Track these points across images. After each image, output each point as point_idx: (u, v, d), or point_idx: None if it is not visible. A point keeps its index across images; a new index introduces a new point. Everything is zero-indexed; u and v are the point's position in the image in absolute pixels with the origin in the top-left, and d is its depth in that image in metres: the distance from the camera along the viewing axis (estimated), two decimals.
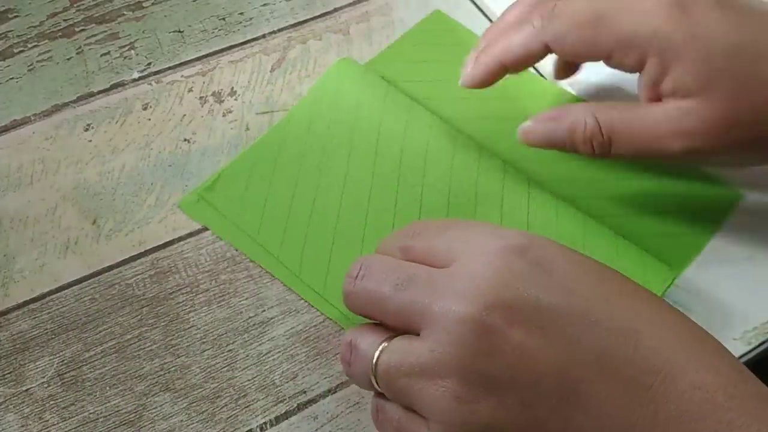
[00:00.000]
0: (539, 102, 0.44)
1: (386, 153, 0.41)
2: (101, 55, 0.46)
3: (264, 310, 0.37)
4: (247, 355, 0.36)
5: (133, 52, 0.46)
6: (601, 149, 0.35)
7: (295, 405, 0.34)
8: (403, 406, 0.29)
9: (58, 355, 0.35)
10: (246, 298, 0.37)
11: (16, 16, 0.47)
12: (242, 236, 0.38)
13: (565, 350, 0.26)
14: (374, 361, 0.28)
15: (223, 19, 0.48)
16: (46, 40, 0.46)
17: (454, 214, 0.39)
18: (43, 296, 0.37)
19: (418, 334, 0.28)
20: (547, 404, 0.26)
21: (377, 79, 0.43)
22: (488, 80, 0.38)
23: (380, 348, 0.29)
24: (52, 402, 0.34)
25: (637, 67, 0.35)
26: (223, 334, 0.36)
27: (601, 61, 0.36)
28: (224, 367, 0.35)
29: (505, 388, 0.26)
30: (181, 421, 0.34)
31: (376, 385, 0.29)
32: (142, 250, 0.39)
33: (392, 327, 0.29)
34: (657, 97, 0.35)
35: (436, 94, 0.44)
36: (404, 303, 0.28)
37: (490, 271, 0.27)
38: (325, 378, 0.35)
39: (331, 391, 0.35)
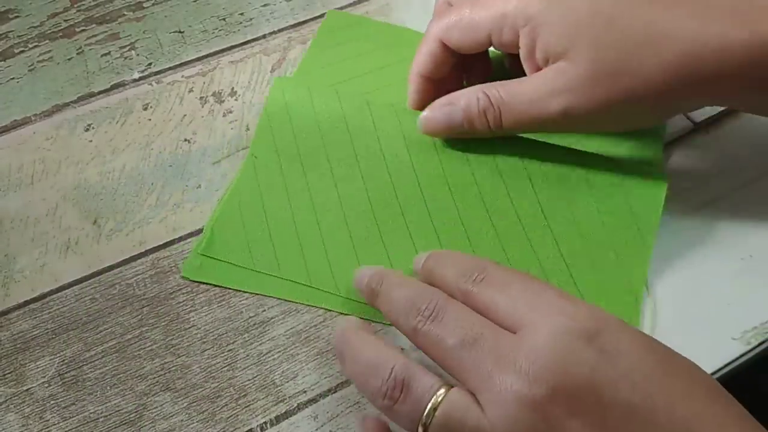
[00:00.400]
0: None
1: (365, 151, 0.40)
2: (102, 56, 0.46)
3: (264, 310, 0.37)
4: (247, 355, 0.36)
5: (133, 52, 0.46)
6: (495, 122, 0.38)
7: (296, 405, 0.34)
8: None
9: (58, 355, 0.35)
10: (246, 298, 0.37)
11: (16, 17, 0.48)
12: (263, 279, 0.37)
13: None
14: (429, 408, 0.28)
15: (224, 19, 0.48)
16: (47, 41, 0.46)
17: (457, 195, 0.39)
18: (43, 296, 0.37)
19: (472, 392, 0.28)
20: None
21: (322, 86, 0.43)
22: (420, 96, 0.41)
23: (438, 396, 0.28)
24: (52, 402, 0.34)
25: (516, 43, 0.37)
26: (223, 334, 0.36)
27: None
28: (224, 367, 0.35)
29: None
30: (182, 420, 0.34)
31: (422, 430, 0.29)
32: (143, 250, 0.39)
33: (447, 372, 0.30)
34: (537, 68, 0.37)
35: (373, 86, 0.44)
36: (467, 361, 0.28)
37: (557, 355, 0.27)
38: (325, 378, 0.35)
39: (331, 391, 0.35)
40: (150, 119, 0.43)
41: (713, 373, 0.35)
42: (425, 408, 0.28)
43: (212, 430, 0.34)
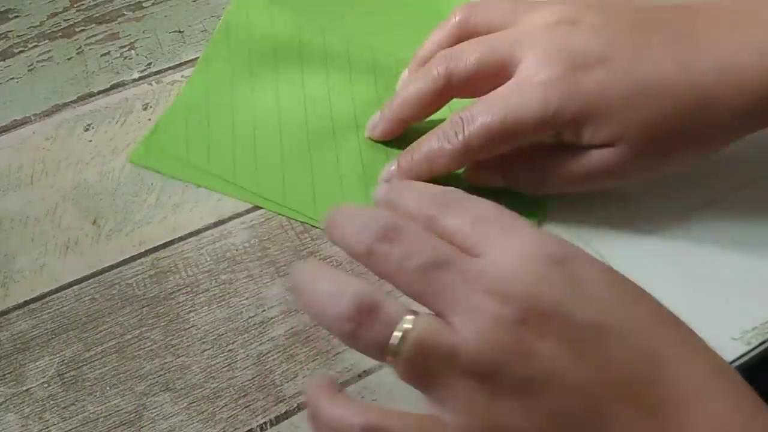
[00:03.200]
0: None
1: (312, 66, 0.44)
2: (101, 55, 0.46)
3: (264, 310, 0.37)
4: (247, 355, 0.36)
5: (133, 52, 0.46)
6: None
7: (296, 405, 0.34)
8: (419, 387, 0.27)
9: (58, 355, 0.35)
10: (246, 298, 0.37)
11: (16, 16, 0.48)
12: (194, 171, 0.41)
13: (592, 368, 0.26)
14: (399, 329, 0.26)
15: None
16: (47, 40, 0.46)
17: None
18: (43, 296, 0.37)
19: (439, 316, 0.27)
20: (571, 419, 0.26)
21: (283, 8, 0.47)
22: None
23: (406, 322, 0.26)
24: (52, 402, 0.34)
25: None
26: (223, 334, 0.36)
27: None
28: (224, 367, 0.35)
29: (533, 393, 0.26)
30: (182, 420, 0.34)
31: (390, 357, 0.27)
32: (143, 250, 0.39)
33: (409, 296, 0.28)
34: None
35: (335, 16, 0.47)
36: (435, 284, 0.27)
37: (528, 276, 0.27)
38: None
39: None
40: (150, 119, 0.43)
41: None
42: (393, 327, 0.26)
43: (212, 430, 0.34)
